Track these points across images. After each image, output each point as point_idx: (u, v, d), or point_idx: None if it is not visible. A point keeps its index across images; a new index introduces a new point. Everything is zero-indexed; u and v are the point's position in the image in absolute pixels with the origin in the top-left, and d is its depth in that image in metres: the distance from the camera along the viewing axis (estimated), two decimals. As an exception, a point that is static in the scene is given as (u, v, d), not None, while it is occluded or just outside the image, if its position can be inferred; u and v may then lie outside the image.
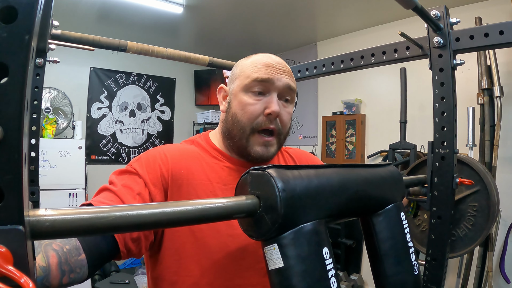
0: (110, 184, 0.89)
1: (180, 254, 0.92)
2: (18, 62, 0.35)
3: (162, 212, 0.52)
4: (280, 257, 0.63)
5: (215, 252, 0.92)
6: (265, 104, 0.97)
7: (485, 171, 1.32)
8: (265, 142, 0.99)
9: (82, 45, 1.46)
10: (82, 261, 0.70)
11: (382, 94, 4.13)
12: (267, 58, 1.01)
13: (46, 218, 0.43)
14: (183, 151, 1.02)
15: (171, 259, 0.92)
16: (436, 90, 1.21)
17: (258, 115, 0.97)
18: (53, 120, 4.26)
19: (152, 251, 0.95)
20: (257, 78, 0.97)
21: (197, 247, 0.91)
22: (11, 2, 0.35)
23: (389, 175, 0.91)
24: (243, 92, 0.99)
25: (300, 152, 1.26)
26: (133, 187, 0.87)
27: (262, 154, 0.99)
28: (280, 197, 0.61)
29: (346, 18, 4.12)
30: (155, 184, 0.90)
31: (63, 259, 0.65)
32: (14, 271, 0.34)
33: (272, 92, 0.98)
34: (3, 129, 0.35)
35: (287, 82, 1.00)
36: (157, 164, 0.94)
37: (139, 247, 0.84)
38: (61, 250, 0.66)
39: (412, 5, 1.00)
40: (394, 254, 0.86)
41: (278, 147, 1.03)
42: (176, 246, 0.92)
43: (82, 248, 0.70)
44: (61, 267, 0.64)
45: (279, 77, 0.98)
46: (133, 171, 0.91)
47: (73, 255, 0.68)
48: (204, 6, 3.84)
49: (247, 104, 0.98)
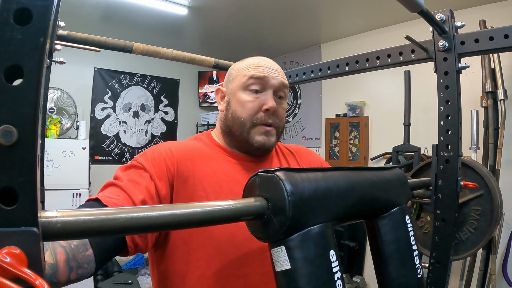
0: (116, 179, 0.89)
1: (189, 245, 0.93)
2: (33, 64, 0.35)
3: (172, 214, 0.52)
4: (287, 259, 0.63)
5: (222, 241, 0.93)
6: (262, 101, 1.04)
7: (489, 175, 1.32)
8: (266, 131, 1.05)
9: (88, 46, 1.47)
10: (90, 256, 0.70)
11: (386, 96, 4.13)
12: (260, 60, 1.09)
13: (57, 219, 0.44)
14: (187, 145, 1.06)
15: (180, 250, 0.94)
16: (441, 93, 1.21)
17: (257, 111, 1.04)
18: (57, 120, 4.27)
19: (158, 245, 0.96)
20: (253, 75, 1.05)
21: (204, 237, 0.93)
22: (25, 4, 0.35)
23: (395, 178, 0.91)
24: (242, 91, 1.07)
25: (300, 148, 1.29)
26: (139, 182, 0.88)
27: (264, 142, 1.05)
28: (288, 200, 0.62)
29: (350, 20, 4.12)
30: (160, 178, 0.92)
31: (70, 256, 0.66)
32: (29, 273, 0.34)
33: (268, 89, 1.06)
34: (18, 131, 0.35)
35: (281, 80, 1.08)
36: (162, 158, 0.96)
37: (146, 242, 0.85)
38: (68, 247, 0.67)
39: (418, 9, 1.00)
40: (398, 257, 0.87)
41: (277, 138, 1.10)
42: (184, 237, 0.93)
43: (90, 243, 0.71)
44: (69, 263, 0.65)
45: (273, 75, 1.06)
46: (139, 165, 0.93)
47: (80, 250, 0.68)
48: (208, 7, 3.84)
49: (246, 101, 1.05)
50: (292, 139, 5.28)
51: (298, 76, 1.72)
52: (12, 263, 0.35)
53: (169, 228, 0.54)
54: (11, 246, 0.36)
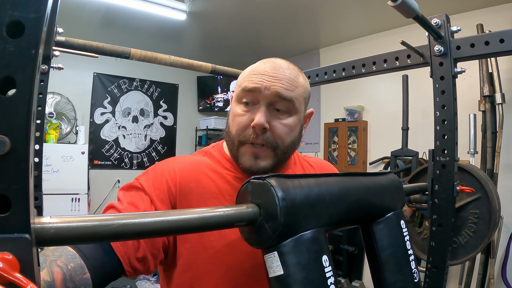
0: (118, 201, 0.87)
1: (194, 271, 0.89)
2: (25, 76, 0.36)
3: (164, 220, 0.53)
4: (280, 265, 0.63)
5: (230, 269, 0.89)
6: (253, 115, 0.90)
7: (486, 178, 1.32)
8: (254, 153, 0.91)
9: (86, 52, 1.48)
10: (87, 280, 0.68)
11: (384, 101, 4.14)
12: (263, 65, 0.93)
13: (51, 225, 0.44)
14: (193, 163, 0.98)
15: (185, 276, 0.90)
16: (437, 98, 1.22)
17: (245, 127, 0.91)
18: (56, 125, 4.28)
19: (166, 266, 0.94)
20: (245, 87, 0.91)
21: (211, 264, 0.89)
22: (18, 17, 0.36)
23: (389, 183, 0.92)
24: (236, 102, 0.95)
25: (320, 162, 1.21)
26: (139, 205, 0.85)
27: (250, 165, 0.92)
28: (280, 206, 0.62)
29: (348, 25, 4.14)
30: (162, 200, 0.88)
31: (67, 276, 0.64)
32: (21, 278, 0.35)
33: (261, 101, 0.90)
34: (10, 141, 0.36)
35: (276, 91, 0.88)
36: (164, 179, 0.91)
37: (146, 266, 0.82)
38: (65, 267, 0.65)
39: (413, 14, 1.01)
40: (394, 262, 0.87)
41: (274, 161, 0.93)
42: (189, 263, 0.89)
43: (87, 267, 0.69)
44: (65, 283, 0.63)
45: (267, 85, 0.88)
46: (139, 186, 0.89)
47: (78, 273, 0.67)
48: (207, 13, 3.86)
49: (236, 115, 0.93)
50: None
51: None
52: (5, 268, 0.35)
53: (162, 235, 0.55)
54: (4, 252, 0.37)
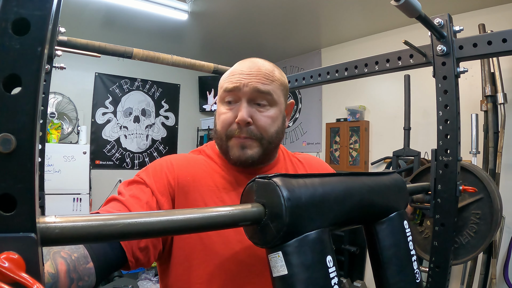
0: (119, 195, 0.90)
1: (190, 261, 0.92)
2: (31, 73, 0.36)
3: (169, 219, 0.53)
4: (284, 265, 0.63)
5: (225, 259, 0.92)
6: (236, 112, 0.96)
7: (488, 179, 1.31)
8: (241, 143, 0.97)
9: (88, 51, 1.48)
10: (90, 269, 0.70)
11: (386, 101, 4.14)
12: (239, 65, 1.02)
13: (56, 225, 0.44)
14: (189, 159, 1.04)
15: (181, 267, 0.93)
16: (439, 98, 1.21)
17: (230, 123, 0.97)
18: (58, 125, 4.28)
19: (162, 260, 0.96)
20: (226, 88, 0.98)
21: (206, 254, 0.92)
22: (23, 14, 0.35)
23: (393, 183, 0.91)
24: (220, 103, 1.02)
25: (310, 158, 1.24)
26: (141, 197, 0.88)
27: (239, 156, 0.97)
28: (285, 206, 0.62)
29: (350, 25, 4.14)
30: (162, 193, 0.91)
31: (71, 267, 0.66)
32: (27, 277, 0.35)
33: (242, 98, 0.97)
34: (16, 139, 0.36)
35: (254, 86, 0.96)
36: (163, 173, 0.95)
37: (148, 256, 0.85)
38: (69, 258, 0.66)
39: (416, 14, 1.01)
40: (396, 262, 0.86)
41: (260, 150, 0.99)
42: (185, 253, 0.92)
43: (90, 256, 0.71)
44: (69, 274, 0.65)
45: (245, 82, 0.96)
46: (140, 181, 0.93)
47: (81, 263, 0.68)
48: (208, 13, 3.86)
49: (220, 114, 1.00)
50: (292, 144, 5.28)
51: (298, 81, 1.73)
52: (11, 268, 0.35)
53: (167, 234, 0.54)
54: (9, 251, 0.36)
